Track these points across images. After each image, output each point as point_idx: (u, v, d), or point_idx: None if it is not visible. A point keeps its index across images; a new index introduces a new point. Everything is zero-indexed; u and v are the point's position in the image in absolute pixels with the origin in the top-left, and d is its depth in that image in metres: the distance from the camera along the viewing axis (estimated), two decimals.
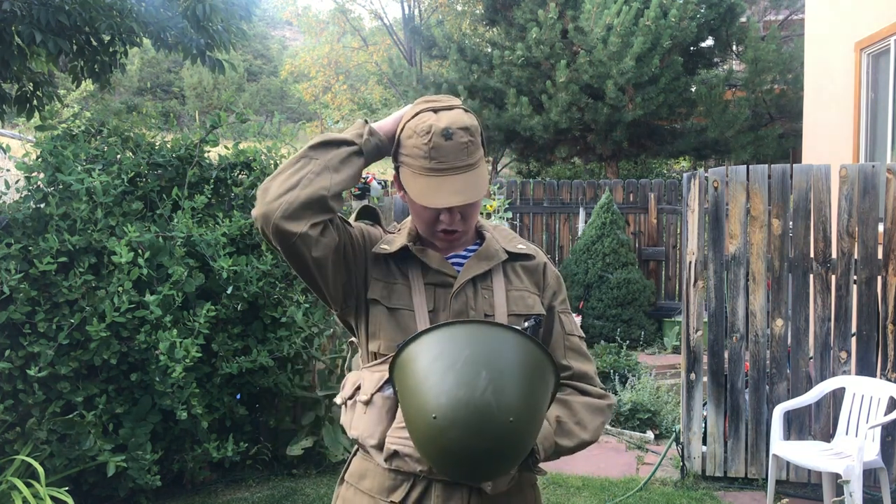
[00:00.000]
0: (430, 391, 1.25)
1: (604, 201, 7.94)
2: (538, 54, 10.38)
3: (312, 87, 23.65)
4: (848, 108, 5.98)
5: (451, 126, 1.38)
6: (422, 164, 1.39)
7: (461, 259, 1.52)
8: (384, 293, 1.46)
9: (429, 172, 1.39)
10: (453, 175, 1.38)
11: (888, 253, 4.00)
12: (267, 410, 4.35)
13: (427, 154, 1.38)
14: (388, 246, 1.48)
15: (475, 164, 1.42)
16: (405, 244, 1.48)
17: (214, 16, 5.09)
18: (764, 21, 13.19)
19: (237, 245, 4.12)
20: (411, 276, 1.47)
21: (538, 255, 1.58)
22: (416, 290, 1.45)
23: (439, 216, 1.43)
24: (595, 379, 1.55)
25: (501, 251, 1.52)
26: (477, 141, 1.43)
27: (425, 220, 1.45)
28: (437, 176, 1.38)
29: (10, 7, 4.54)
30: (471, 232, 1.51)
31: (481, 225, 1.57)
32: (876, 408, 3.71)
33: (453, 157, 1.38)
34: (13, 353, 3.48)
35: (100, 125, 4.23)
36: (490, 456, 1.25)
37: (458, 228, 1.45)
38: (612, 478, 4.38)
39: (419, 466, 1.39)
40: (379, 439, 1.42)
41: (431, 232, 1.46)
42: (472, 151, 1.41)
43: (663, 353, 7.46)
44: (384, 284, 1.47)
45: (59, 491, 3.31)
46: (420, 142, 1.39)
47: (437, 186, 1.38)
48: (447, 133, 1.38)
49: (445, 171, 1.38)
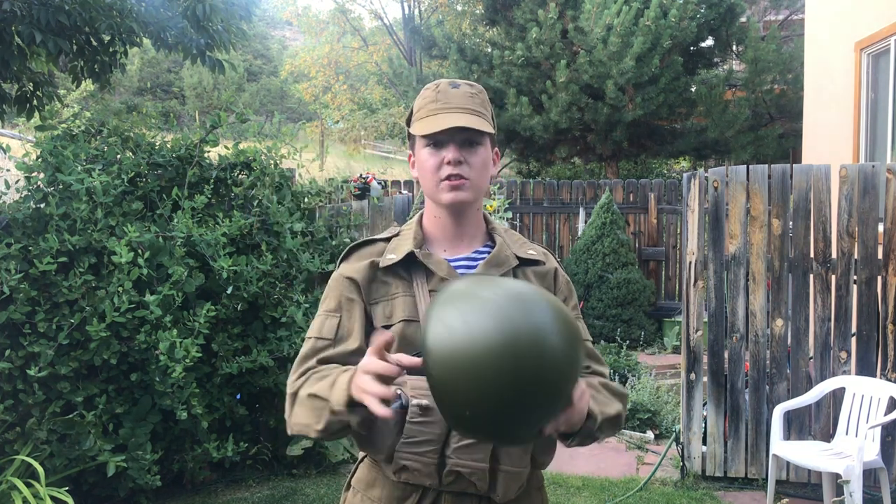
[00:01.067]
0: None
1: (604, 201, 7.94)
2: (538, 54, 10.38)
3: (312, 87, 23.65)
4: (848, 108, 5.98)
5: (459, 81, 1.47)
6: (430, 107, 1.45)
7: (470, 262, 1.49)
8: (386, 312, 1.43)
9: (435, 112, 1.44)
10: (459, 112, 1.43)
11: (888, 253, 4.00)
12: (267, 410, 4.35)
13: (434, 98, 1.45)
14: (395, 255, 1.46)
15: (481, 114, 1.45)
16: (411, 250, 1.45)
17: (214, 16, 5.09)
18: (764, 21, 13.20)
19: (237, 245, 4.12)
20: (416, 284, 1.44)
21: (549, 260, 1.55)
22: (421, 298, 1.42)
23: (444, 160, 1.43)
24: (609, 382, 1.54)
25: (513, 257, 1.49)
26: (483, 100, 1.48)
27: (430, 169, 1.44)
28: (443, 113, 1.43)
29: (10, 7, 4.54)
30: (478, 193, 1.46)
31: (493, 227, 1.54)
32: (876, 408, 3.71)
33: (459, 101, 1.44)
34: (13, 353, 3.48)
35: (100, 125, 4.23)
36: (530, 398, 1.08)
37: (464, 174, 1.43)
38: (612, 478, 4.38)
39: (428, 480, 1.38)
40: (387, 455, 1.39)
41: (437, 181, 1.44)
42: (479, 104, 1.46)
43: (663, 353, 7.46)
44: (384, 304, 1.44)
45: (59, 491, 3.31)
46: (429, 92, 1.47)
47: (441, 118, 1.42)
48: (454, 84, 1.46)
49: (451, 108, 1.43)
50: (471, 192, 1.45)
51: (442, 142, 1.43)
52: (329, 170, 17.08)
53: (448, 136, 1.41)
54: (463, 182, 1.43)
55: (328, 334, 1.44)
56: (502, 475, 1.38)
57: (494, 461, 1.37)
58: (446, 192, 1.44)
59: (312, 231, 4.53)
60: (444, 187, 1.44)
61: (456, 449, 1.35)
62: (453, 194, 1.44)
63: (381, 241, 1.52)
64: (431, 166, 1.44)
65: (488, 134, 1.45)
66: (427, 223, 1.52)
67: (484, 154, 1.46)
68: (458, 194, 1.44)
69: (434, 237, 1.51)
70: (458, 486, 1.37)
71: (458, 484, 1.37)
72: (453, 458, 1.35)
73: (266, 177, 4.36)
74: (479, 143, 1.45)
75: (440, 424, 1.34)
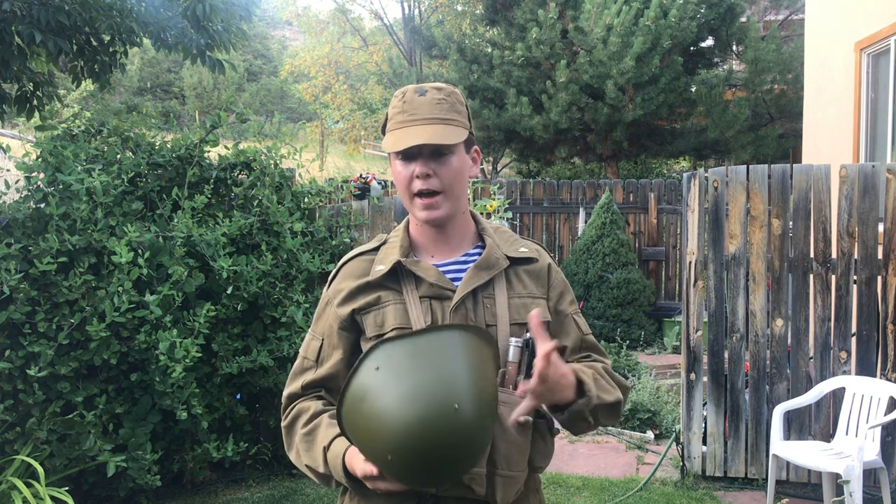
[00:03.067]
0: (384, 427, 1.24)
1: (604, 201, 7.94)
2: (538, 54, 10.38)
3: (312, 87, 23.63)
4: (848, 108, 5.98)
5: (426, 86, 1.44)
6: (396, 119, 1.43)
7: (460, 266, 1.48)
8: (377, 321, 1.44)
9: (401, 125, 1.42)
10: (423, 125, 1.40)
11: (888, 253, 4.00)
12: (267, 410, 4.35)
13: (401, 109, 1.43)
14: (383, 266, 1.46)
15: (448, 121, 1.42)
16: (398, 259, 1.45)
17: (214, 16, 5.09)
18: (764, 21, 13.20)
19: (237, 245, 4.12)
20: (406, 291, 1.44)
21: (541, 256, 1.53)
22: (412, 305, 1.42)
23: (414, 176, 1.41)
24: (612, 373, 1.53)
25: (503, 258, 1.47)
26: (454, 104, 1.44)
27: (403, 183, 1.44)
28: (408, 126, 1.41)
29: (10, 7, 4.55)
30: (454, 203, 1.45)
31: (483, 228, 1.53)
32: (876, 408, 3.71)
33: (425, 111, 1.41)
34: (13, 353, 3.48)
35: (100, 125, 4.22)
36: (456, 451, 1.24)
37: (433, 187, 1.41)
38: (612, 478, 4.38)
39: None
40: None
41: (410, 196, 1.44)
42: (446, 110, 1.42)
43: (663, 353, 7.46)
44: (375, 313, 1.44)
45: (59, 491, 3.31)
46: (396, 101, 1.45)
47: (406, 133, 1.40)
48: (420, 91, 1.43)
49: (416, 121, 1.41)
50: (444, 206, 1.43)
51: (411, 154, 1.41)
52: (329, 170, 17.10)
53: (416, 149, 1.40)
54: (434, 200, 1.42)
55: (311, 356, 1.52)
56: (500, 479, 1.39)
57: (492, 466, 1.38)
58: (420, 209, 1.44)
59: (312, 231, 4.53)
60: (417, 204, 1.44)
61: None
62: (426, 213, 1.44)
63: (369, 252, 1.52)
64: (403, 179, 1.43)
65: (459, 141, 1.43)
66: (413, 230, 1.52)
67: (456, 162, 1.43)
68: (432, 213, 1.43)
69: (421, 244, 1.51)
70: (456, 492, 1.38)
71: (456, 489, 1.38)
72: None
73: (266, 177, 4.36)
74: (449, 153, 1.42)
75: None
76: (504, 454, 1.39)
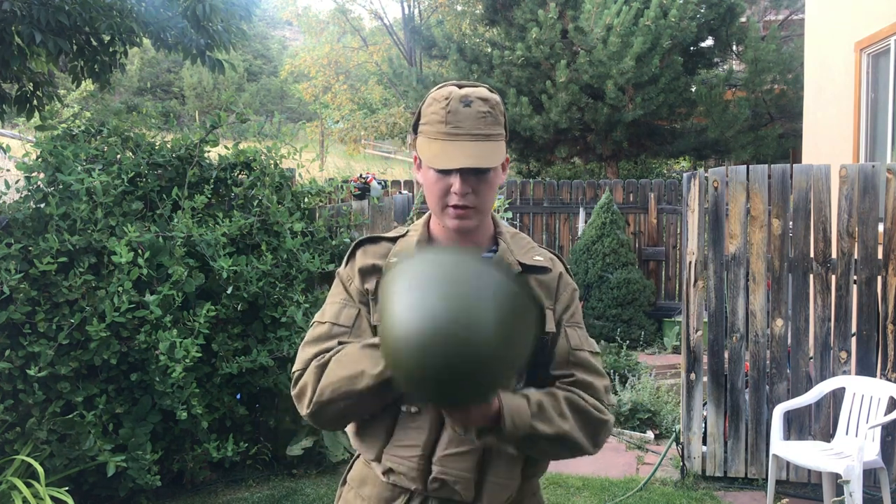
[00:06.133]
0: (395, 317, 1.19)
1: (604, 201, 7.94)
2: (538, 54, 10.38)
3: (312, 87, 23.63)
4: (848, 108, 5.98)
5: (471, 95, 1.39)
6: (438, 129, 1.38)
7: None
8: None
9: (444, 137, 1.37)
10: (468, 141, 1.37)
11: (888, 253, 4.00)
12: (267, 410, 4.35)
13: (444, 119, 1.38)
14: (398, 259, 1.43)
15: (492, 136, 1.39)
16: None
17: (214, 16, 5.10)
18: (764, 21, 13.19)
19: (237, 245, 4.12)
20: None
21: (556, 266, 1.51)
22: None
23: (451, 188, 1.38)
24: (601, 394, 1.45)
25: (514, 264, 1.45)
26: (497, 115, 1.41)
27: (437, 193, 1.40)
28: (452, 140, 1.37)
29: (10, 7, 4.55)
30: (484, 216, 1.44)
31: (500, 231, 1.51)
32: (876, 408, 3.71)
33: (470, 125, 1.37)
34: (13, 353, 3.48)
35: (100, 125, 4.22)
36: (452, 374, 1.16)
37: (469, 204, 1.38)
38: (612, 478, 4.38)
39: (413, 485, 1.40)
40: (376, 454, 1.42)
41: (442, 206, 1.40)
42: (490, 123, 1.39)
43: (663, 353, 7.46)
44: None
45: (59, 491, 3.31)
46: (438, 107, 1.39)
47: (450, 150, 1.36)
48: (466, 100, 1.38)
49: (461, 136, 1.37)
50: (476, 218, 1.42)
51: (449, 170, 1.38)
52: (329, 170, 17.08)
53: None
54: (468, 212, 1.40)
55: (346, 322, 1.45)
56: (489, 486, 1.39)
57: (482, 472, 1.39)
58: (451, 218, 1.41)
59: (312, 231, 4.53)
60: (449, 213, 1.41)
61: (442, 457, 1.38)
62: (457, 222, 1.41)
63: (387, 240, 1.51)
64: (438, 190, 1.40)
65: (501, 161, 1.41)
66: (434, 227, 1.51)
67: (493, 177, 1.41)
68: (463, 223, 1.41)
69: (440, 240, 1.50)
70: (442, 493, 1.39)
71: (443, 491, 1.39)
72: (439, 466, 1.38)
73: (266, 177, 4.36)
74: (490, 170, 1.40)
75: (428, 431, 1.38)
76: (495, 461, 1.40)
